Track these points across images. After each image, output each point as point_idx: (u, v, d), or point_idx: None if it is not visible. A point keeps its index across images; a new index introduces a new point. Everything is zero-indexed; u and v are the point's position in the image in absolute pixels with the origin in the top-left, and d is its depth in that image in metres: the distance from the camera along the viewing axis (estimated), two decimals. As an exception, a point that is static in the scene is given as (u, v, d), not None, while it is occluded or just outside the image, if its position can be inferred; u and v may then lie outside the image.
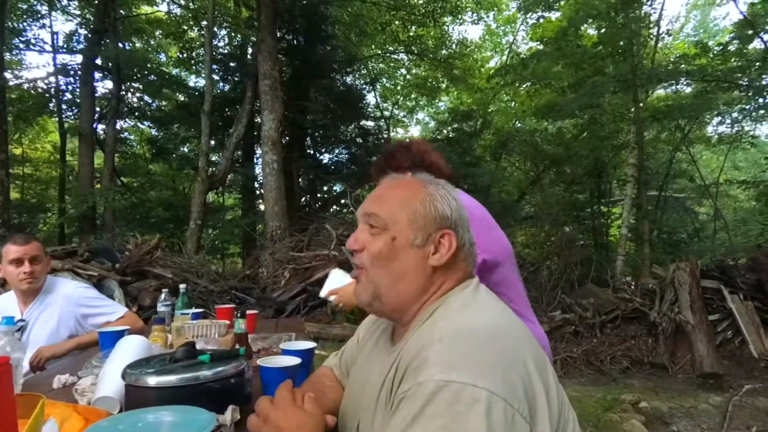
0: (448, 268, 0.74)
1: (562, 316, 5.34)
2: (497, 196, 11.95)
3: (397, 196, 0.77)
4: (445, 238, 0.73)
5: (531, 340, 0.67)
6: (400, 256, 0.73)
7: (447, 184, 0.81)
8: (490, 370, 0.56)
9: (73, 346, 1.76)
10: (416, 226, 0.73)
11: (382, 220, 0.75)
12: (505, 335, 0.64)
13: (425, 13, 11.52)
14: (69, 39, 11.28)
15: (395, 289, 0.73)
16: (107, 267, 5.17)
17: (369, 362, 0.82)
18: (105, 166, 10.51)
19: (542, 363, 0.64)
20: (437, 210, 0.74)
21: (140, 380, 0.82)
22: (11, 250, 1.75)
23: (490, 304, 0.71)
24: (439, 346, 0.60)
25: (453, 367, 0.56)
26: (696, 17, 15.30)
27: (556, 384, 0.65)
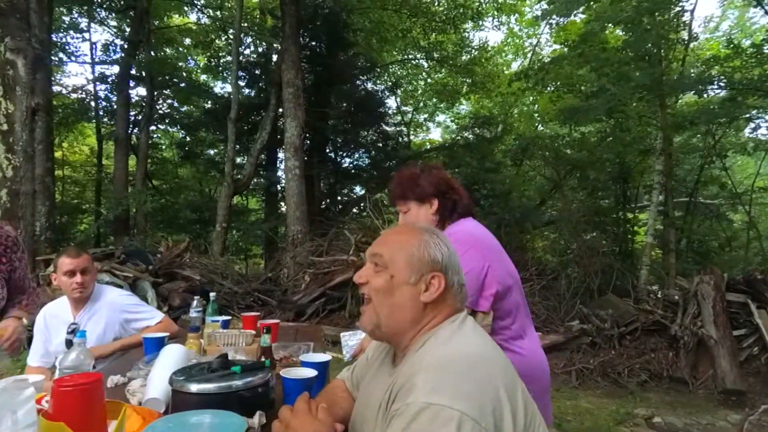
0: (437, 304, 0.87)
1: (579, 327, 5.35)
2: (517, 201, 11.90)
3: (398, 241, 0.91)
4: (435, 279, 0.87)
5: (504, 369, 0.80)
6: (397, 292, 0.87)
7: (442, 234, 0.94)
8: (465, 395, 0.69)
9: (118, 347, 1.97)
10: (411, 268, 0.87)
11: (384, 260, 0.89)
12: (482, 365, 0.76)
13: (446, 20, 11.61)
14: (106, 49, 11.84)
15: (392, 319, 0.88)
16: (141, 268, 5.46)
17: (374, 380, 0.96)
18: (138, 169, 11.00)
19: (512, 388, 0.76)
20: (430, 255, 0.88)
21: (184, 387, 0.99)
22: (65, 262, 1.96)
23: (472, 337, 0.84)
24: (425, 374, 0.73)
25: (435, 391, 0.69)
26: (733, 14, 14.69)
27: (525, 404, 0.77)
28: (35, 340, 2.07)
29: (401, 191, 1.46)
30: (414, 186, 1.44)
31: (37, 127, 5.17)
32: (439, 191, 1.42)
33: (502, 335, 1.33)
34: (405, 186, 1.46)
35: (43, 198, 5.39)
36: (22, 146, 4.94)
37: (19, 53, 4.84)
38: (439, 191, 1.42)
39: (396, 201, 1.49)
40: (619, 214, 11.44)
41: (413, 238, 0.91)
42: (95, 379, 0.64)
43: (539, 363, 1.41)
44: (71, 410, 0.57)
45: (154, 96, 11.63)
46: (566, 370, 4.70)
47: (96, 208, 11.90)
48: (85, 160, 14.09)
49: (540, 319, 5.66)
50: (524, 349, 1.38)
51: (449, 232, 1.39)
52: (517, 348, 1.36)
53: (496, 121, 13.42)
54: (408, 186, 1.45)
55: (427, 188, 1.42)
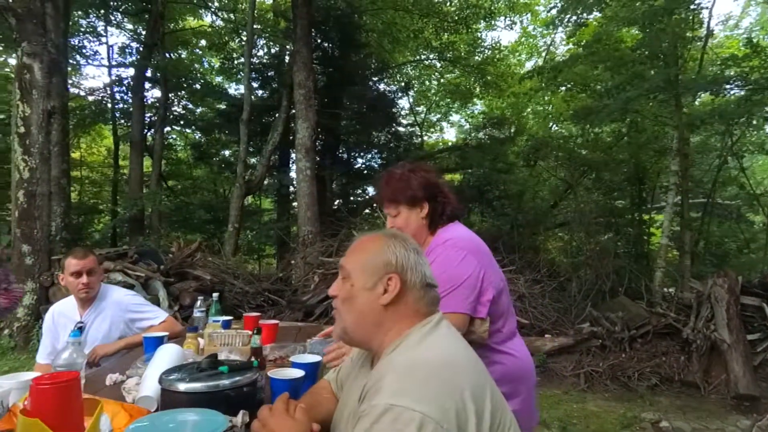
0: (398, 305, 0.89)
1: (589, 329, 5.29)
2: (530, 203, 11.80)
3: (355, 250, 0.95)
4: (392, 281, 0.89)
5: (473, 372, 0.80)
6: (358, 299, 0.90)
7: (402, 236, 0.96)
8: (428, 398, 0.70)
9: (123, 345, 2.02)
10: (366, 273, 0.90)
11: (346, 270, 0.93)
12: (447, 368, 0.77)
13: (458, 20, 11.57)
14: (122, 52, 12.08)
15: (357, 325, 0.91)
16: (153, 268, 5.56)
17: (355, 382, 0.98)
18: (153, 170, 11.20)
19: (479, 391, 0.77)
20: (383, 258, 0.90)
21: (173, 386, 1.01)
22: (72, 263, 2.02)
23: (441, 341, 0.85)
24: (391, 376, 0.75)
25: (398, 393, 0.71)
26: (755, 11, 14.33)
27: (494, 407, 0.77)
28: (44, 338, 2.13)
29: (392, 194, 1.43)
30: (405, 188, 1.41)
31: (53, 129, 5.31)
32: (430, 195, 1.40)
33: (495, 338, 1.33)
34: (396, 188, 1.42)
35: (59, 199, 5.52)
36: (39, 148, 5.07)
37: (35, 57, 4.98)
38: (430, 195, 1.40)
39: (385, 203, 1.46)
40: (634, 216, 11.27)
41: (368, 244, 0.94)
42: (72, 378, 0.67)
43: (529, 363, 1.41)
44: (48, 407, 0.59)
45: (169, 98, 11.83)
46: (575, 372, 4.65)
47: (112, 208, 12.15)
48: (102, 161, 14.40)
49: (549, 321, 5.60)
50: (515, 350, 1.38)
51: (443, 238, 1.38)
52: (510, 350, 1.36)
53: (509, 121, 13.32)
54: (399, 188, 1.42)
55: (418, 191, 1.40)
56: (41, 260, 5.37)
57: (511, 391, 1.28)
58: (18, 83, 5.21)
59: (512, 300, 4.95)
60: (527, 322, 5.34)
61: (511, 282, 5.98)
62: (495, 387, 0.83)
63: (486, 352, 1.28)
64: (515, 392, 1.31)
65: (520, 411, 1.25)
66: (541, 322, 5.52)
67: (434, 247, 1.38)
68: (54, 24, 5.30)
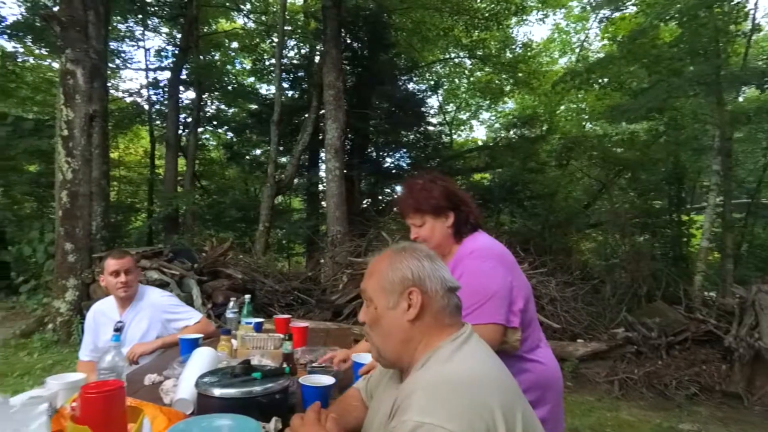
0: (423, 317, 0.88)
1: (624, 334, 5.12)
2: (562, 203, 11.53)
3: (372, 272, 0.95)
4: (413, 294, 0.88)
5: (504, 389, 0.79)
6: (383, 320, 0.90)
7: (412, 247, 0.95)
8: (458, 415, 0.70)
9: (160, 345, 2.10)
10: (386, 293, 0.90)
11: (368, 294, 0.94)
12: (477, 385, 0.77)
13: (489, 17, 11.39)
14: (158, 55, 12.50)
15: (387, 346, 0.91)
16: (187, 266, 5.73)
17: (384, 393, 0.98)
18: (187, 170, 11.54)
19: (511, 408, 0.76)
20: (398, 274, 0.90)
21: (208, 390, 1.05)
22: (111, 263, 2.12)
23: (471, 357, 0.84)
24: (421, 393, 0.75)
25: (428, 411, 0.71)
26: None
27: (525, 425, 0.76)
28: (85, 335, 2.23)
29: (415, 203, 1.41)
30: (429, 198, 1.39)
31: (94, 132, 5.54)
32: (454, 204, 1.39)
33: (523, 347, 1.32)
34: (419, 198, 1.41)
35: (99, 199, 5.76)
36: (81, 150, 5.31)
37: (78, 63, 5.21)
38: (454, 204, 1.39)
39: (409, 213, 1.44)
40: (672, 217, 10.85)
41: (381, 264, 0.94)
42: (117, 387, 0.71)
43: (556, 370, 1.40)
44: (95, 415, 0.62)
45: (203, 99, 12.17)
46: (608, 379, 4.52)
47: (148, 208, 12.59)
48: (139, 161, 14.94)
49: (582, 326, 5.46)
50: (544, 357, 1.37)
51: (469, 248, 1.37)
52: (537, 357, 1.35)
53: (540, 119, 13.05)
54: (422, 198, 1.40)
55: (442, 200, 1.39)
56: (83, 258, 5.62)
57: (539, 398, 1.27)
58: (62, 88, 5.47)
59: (544, 303, 4.83)
60: (558, 326, 5.22)
61: (542, 285, 5.86)
62: (527, 404, 0.82)
63: (514, 361, 1.27)
64: (542, 400, 1.29)
65: (547, 419, 1.25)
66: (573, 326, 5.38)
67: (461, 258, 1.37)
68: (95, 31, 5.53)
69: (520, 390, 0.84)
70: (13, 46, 10.67)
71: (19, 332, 5.49)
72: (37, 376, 4.11)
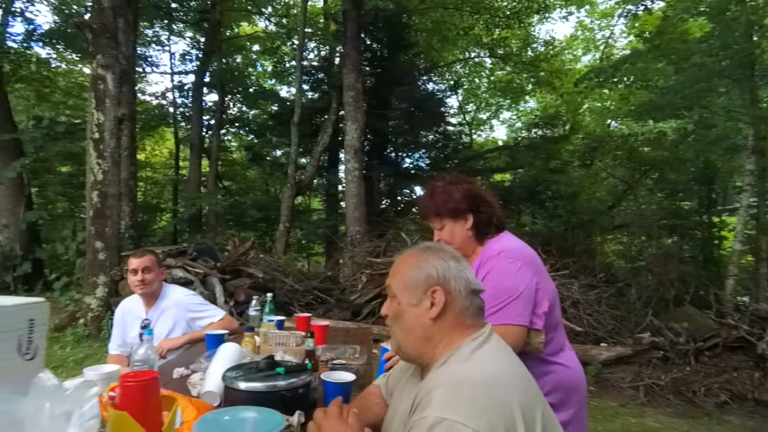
0: (445, 317, 0.89)
1: (650, 339, 5.00)
2: (585, 204, 11.32)
3: (398, 270, 0.96)
4: (437, 293, 0.89)
5: (524, 389, 0.80)
6: (405, 316, 0.92)
7: (439, 247, 0.97)
8: (478, 413, 0.71)
9: (186, 340, 2.17)
10: (409, 290, 0.92)
11: (392, 290, 0.96)
12: (497, 384, 0.77)
13: (510, 15, 11.28)
14: (183, 59, 12.80)
15: (407, 340, 0.92)
16: (210, 265, 5.85)
17: (404, 391, 0.99)
18: (210, 171, 11.78)
19: (530, 408, 0.77)
20: (423, 273, 0.91)
21: (235, 384, 1.08)
22: (131, 262, 2.20)
23: (491, 356, 0.85)
24: (442, 390, 0.76)
25: (449, 408, 0.72)
26: None
27: (545, 425, 0.77)
28: (114, 330, 2.31)
29: (435, 207, 1.42)
30: (447, 201, 1.40)
31: (123, 135, 5.72)
32: (473, 206, 1.39)
33: (547, 349, 1.30)
34: (438, 202, 1.41)
35: (127, 199, 5.94)
36: (111, 153, 5.48)
37: (108, 69, 5.38)
38: (473, 206, 1.39)
39: (430, 217, 1.46)
40: (702, 218, 10.51)
41: (407, 262, 0.96)
42: (153, 377, 0.75)
43: (580, 374, 1.38)
44: (134, 402, 0.66)
45: (225, 101, 12.40)
46: (633, 384, 4.42)
47: (173, 208, 12.89)
48: (164, 162, 15.31)
49: (606, 329, 5.35)
50: (568, 360, 1.35)
51: (495, 250, 1.36)
52: (561, 360, 1.34)
53: (562, 119, 12.86)
54: (441, 202, 1.41)
55: (461, 203, 1.39)
56: (112, 256, 5.80)
57: (561, 401, 1.27)
58: (93, 92, 5.65)
59: (566, 306, 4.74)
60: (581, 329, 5.13)
61: (564, 287, 5.77)
62: (546, 405, 0.82)
63: (537, 363, 1.26)
64: (566, 403, 1.29)
65: (570, 422, 1.24)
66: (597, 330, 5.28)
67: (487, 258, 1.36)
68: (125, 37, 5.70)
69: (539, 390, 0.84)
70: (46, 53, 11.10)
71: (53, 326, 5.70)
72: (70, 368, 4.26)
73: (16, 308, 0.53)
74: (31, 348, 0.54)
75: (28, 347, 0.53)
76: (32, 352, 0.54)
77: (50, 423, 0.44)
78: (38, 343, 0.55)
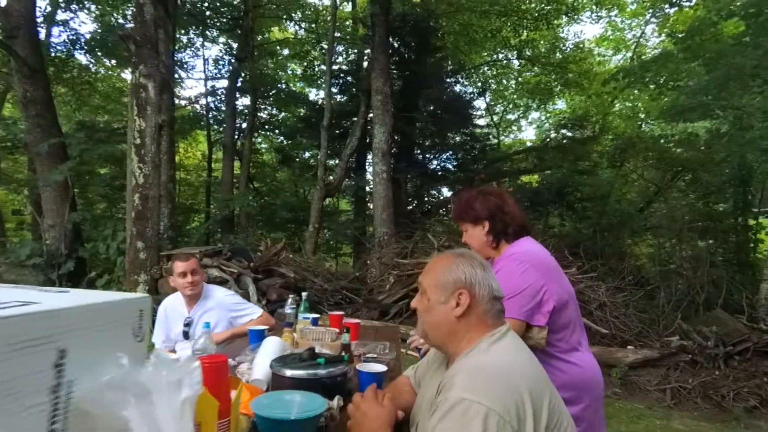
0: (468, 316, 1.02)
1: (679, 342, 4.96)
2: (615, 205, 11.13)
3: (430, 270, 1.10)
4: (462, 296, 1.02)
5: (533, 377, 0.93)
6: (433, 311, 1.05)
7: (470, 255, 1.09)
8: (494, 395, 0.84)
9: (229, 336, 2.35)
10: (439, 290, 1.04)
11: (423, 287, 1.08)
12: (510, 372, 0.91)
13: (538, 17, 11.22)
14: (216, 64, 13.25)
15: (434, 333, 1.06)
16: (244, 265, 6.11)
17: (432, 380, 1.13)
18: (241, 173, 12.16)
19: (538, 394, 0.89)
20: (453, 276, 1.04)
21: (281, 371, 1.24)
22: (179, 266, 2.37)
23: (506, 349, 0.98)
24: (462, 375, 0.90)
25: (469, 389, 0.86)
26: None
27: (552, 410, 0.89)
28: (157, 327, 2.50)
29: (459, 213, 1.64)
30: (469, 209, 1.60)
31: (163, 140, 6.04)
32: (492, 214, 1.56)
33: (558, 347, 1.42)
34: (461, 209, 1.63)
35: (166, 201, 6.26)
36: (151, 157, 5.81)
37: (149, 78, 5.71)
38: (492, 214, 1.56)
39: (457, 222, 1.69)
40: (737, 221, 10.19)
41: (440, 264, 1.08)
42: (224, 360, 0.91)
43: (593, 373, 1.48)
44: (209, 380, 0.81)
45: (257, 105, 12.77)
46: (660, 387, 4.40)
47: (206, 209, 13.35)
48: (198, 164, 15.85)
49: (633, 332, 5.32)
50: (581, 360, 1.46)
51: (509, 252, 1.52)
52: (574, 360, 1.44)
53: (591, 120, 12.66)
54: (464, 209, 1.62)
55: (480, 211, 1.57)
56: (152, 255, 6.13)
57: (574, 397, 1.37)
58: (135, 100, 6.00)
59: (592, 308, 4.75)
60: (607, 331, 5.12)
61: (591, 289, 5.76)
62: (555, 392, 0.94)
63: (550, 360, 1.39)
64: (577, 399, 1.39)
65: (581, 417, 1.35)
66: (623, 332, 5.26)
67: (500, 260, 1.53)
68: (165, 47, 6.03)
69: (549, 380, 0.97)
70: (87, 60, 11.74)
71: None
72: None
73: (129, 301, 0.69)
74: (140, 333, 0.70)
75: (138, 332, 0.69)
76: (141, 336, 0.70)
77: (167, 386, 0.59)
78: (145, 329, 0.71)
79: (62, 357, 0.54)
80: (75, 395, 0.56)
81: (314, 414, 0.99)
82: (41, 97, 7.36)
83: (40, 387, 0.52)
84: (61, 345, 0.54)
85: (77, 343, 0.56)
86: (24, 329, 0.50)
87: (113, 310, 0.65)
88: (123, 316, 0.67)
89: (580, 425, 1.32)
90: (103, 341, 0.61)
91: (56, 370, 0.54)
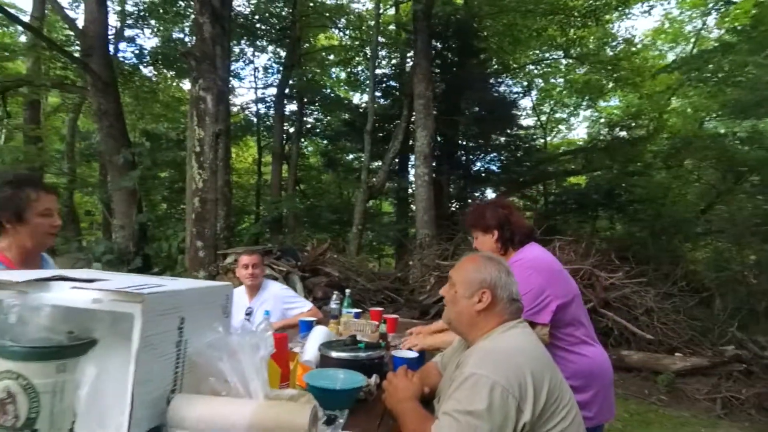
0: (488, 312, 1.18)
1: (734, 352, 4.78)
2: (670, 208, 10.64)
3: (462, 267, 1.26)
4: (485, 294, 1.18)
5: (537, 360, 1.08)
6: (459, 303, 1.22)
7: (497, 260, 1.25)
8: (500, 371, 1.00)
9: (282, 325, 2.61)
10: (466, 286, 1.21)
11: (453, 280, 1.25)
12: (516, 354, 1.07)
13: (586, 14, 10.94)
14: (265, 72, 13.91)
15: (456, 321, 1.23)
16: (292, 264, 6.45)
17: (454, 363, 1.29)
18: (289, 176, 12.69)
19: (540, 375, 1.04)
20: (480, 276, 1.20)
21: (328, 353, 1.46)
22: (244, 258, 2.72)
23: (515, 337, 1.14)
24: (476, 355, 1.08)
25: (479, 365, 1.02)
26: None
27: (551, 389, 1.03)
28: None
29: (471, 222, 1.84)
30: (480, 218, 1.79)
31: (219, 148, 6.50)
32: (500, 224, 1.74)
33: (566, 341, 1.59)
34: (473, 218, 1.84)
35: (223, 204, 6.73)
36: (209, 164, 6.27)
37: (208, 90, 6.17)
38: (500, 224, 1.74)
39: (468, 228, 1.91)
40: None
41: (470, 263, 1.24)
42: (285, 336, 1.13)
43: (601, 363, 1.63)
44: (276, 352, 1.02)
45: (304, 111, 13.28)
46: (710, 396, 4.28)
47: (256, 211, 14.03)
48: (248, 168, 16.65)
49: (682, 339, 5.16)
50: (589, 352, 1.62)
51: (516, 258, 1.70)
52: (581, 352, 1.60)
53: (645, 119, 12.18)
54: (476, 218, 1.81)
55: (490, 221, 1.76)
56: (210, 254, 6.59)
57: (584, 385, 1.54)
58: (194, 111, 6.49)
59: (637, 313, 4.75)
60: (652, 337, 5.01)
61: (638, 295, 5.64)
62: (556, 373, 1.09)
63: (560, 352, 1.56)
64: (587, 387, 1.55)
65: (590, 402, 1.52)
66: (671, 339, 5.12)
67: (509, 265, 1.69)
68: (221, 62, 6.49)
69: (552, 363, 1.12)
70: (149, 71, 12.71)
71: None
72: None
73: (219, 287, 0.92)
74: (227, 311, 0.93)
75: (226, 311, 0.92)
76: (228, 314, 0.93)
77: (249, 347, 0.80)
78: (229, 309, 0.94)
79: (182, 322, 0.78)
80: (189, 350, 0.79)
81: (355, 386, 1.20)
82: (113, 109, 8.10)
83: (170, 342, 0.76)
84: (182, 314, 0.78)
85: (191, 314, 0.80)
86: (163, 301, 0.73)
87: (211, 293, 0.89)
88: (217, 298, 0.91)
89: (591, 409, 1.51)
90: (205, 314, 0.86)
91: (179, 331, 0.77)
